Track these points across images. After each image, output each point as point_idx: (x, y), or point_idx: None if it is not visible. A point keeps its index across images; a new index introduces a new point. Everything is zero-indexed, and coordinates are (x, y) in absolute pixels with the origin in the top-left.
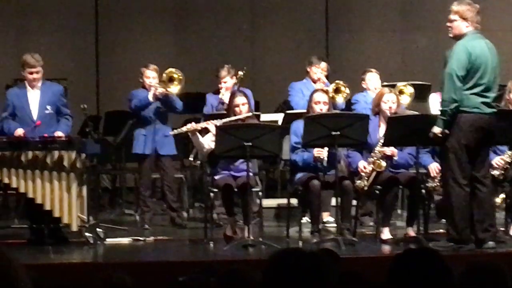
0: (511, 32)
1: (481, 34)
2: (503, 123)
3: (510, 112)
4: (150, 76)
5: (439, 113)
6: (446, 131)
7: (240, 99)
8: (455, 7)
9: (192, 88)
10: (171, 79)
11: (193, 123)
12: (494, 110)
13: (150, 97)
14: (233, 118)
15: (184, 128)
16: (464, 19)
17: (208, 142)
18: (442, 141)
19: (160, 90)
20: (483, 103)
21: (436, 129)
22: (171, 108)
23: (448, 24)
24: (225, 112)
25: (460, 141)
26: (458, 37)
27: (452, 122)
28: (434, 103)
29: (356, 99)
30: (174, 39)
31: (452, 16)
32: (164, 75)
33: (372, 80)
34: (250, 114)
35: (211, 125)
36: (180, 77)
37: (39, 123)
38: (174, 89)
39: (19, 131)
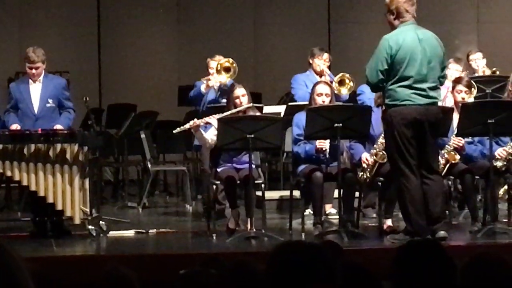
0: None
1: (415, 25)
2: (504, 114)
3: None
4: (213, 66)
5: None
6: None
7: (239, 91)
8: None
9: (194, 80)
10: (226, 69)
11: (195, 119)
12: (434, 100)
13: (203, 88)
14: (234, 110)
15: (187, 125)
16: (390, 11)
17: (211, 136)
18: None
19: (211, 81)
20: (416, 94)
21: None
22: None
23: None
24: (225, 104)
25: (398, 135)
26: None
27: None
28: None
29: (362, 90)
30: (177, 31)
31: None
32: (218, 66)
33: None
34: (250, 105)
35: (213, 119)
36: (235, 66)
37: None
38: (222, 78)
39: (13, 127)
